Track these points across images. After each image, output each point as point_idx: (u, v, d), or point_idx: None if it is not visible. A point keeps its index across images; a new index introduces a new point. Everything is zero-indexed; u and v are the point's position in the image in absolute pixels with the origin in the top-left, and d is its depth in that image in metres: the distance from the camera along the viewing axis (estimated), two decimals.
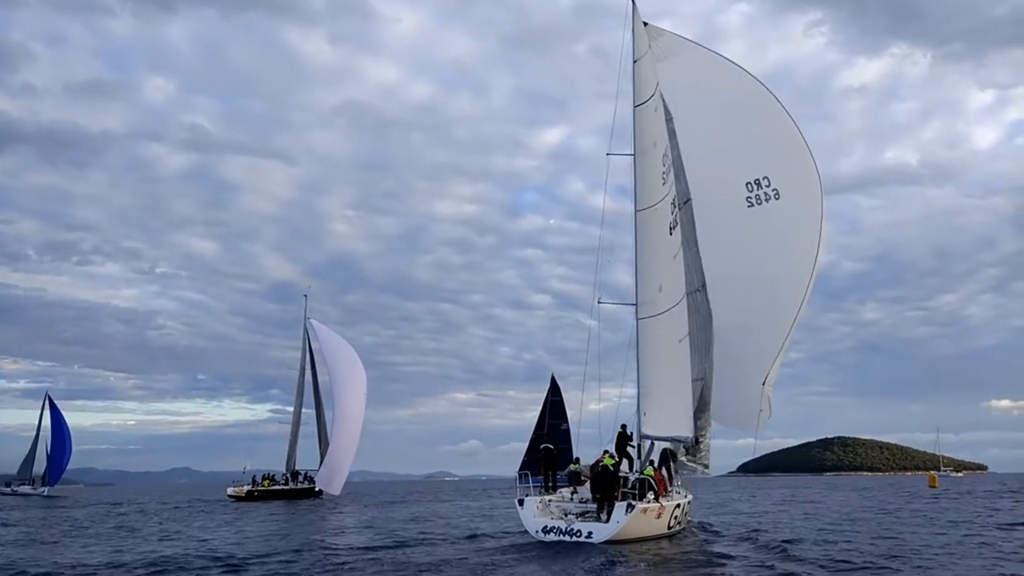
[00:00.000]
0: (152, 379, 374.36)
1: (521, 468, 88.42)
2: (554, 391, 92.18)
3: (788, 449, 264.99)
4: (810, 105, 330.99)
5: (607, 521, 16.65)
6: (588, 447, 20.80)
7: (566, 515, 17.77)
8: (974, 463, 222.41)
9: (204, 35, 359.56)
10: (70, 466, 71.77)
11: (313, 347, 55.63)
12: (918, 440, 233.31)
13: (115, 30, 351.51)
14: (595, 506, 17.65)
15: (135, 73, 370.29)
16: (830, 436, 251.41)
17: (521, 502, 18.07)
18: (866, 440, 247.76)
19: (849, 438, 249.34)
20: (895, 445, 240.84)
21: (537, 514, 17.61)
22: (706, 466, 22.05)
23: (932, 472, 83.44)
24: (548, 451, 20.77)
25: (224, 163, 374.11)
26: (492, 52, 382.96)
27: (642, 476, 17.65)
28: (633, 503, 16.51)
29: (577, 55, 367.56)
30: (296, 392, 56.72)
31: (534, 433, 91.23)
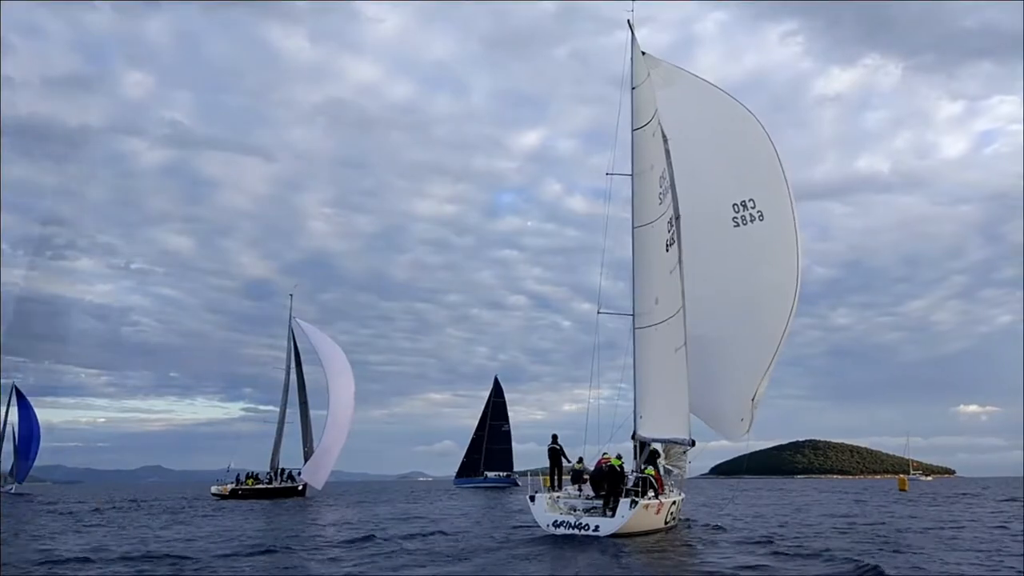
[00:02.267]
0: (124, 376, 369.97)
1: (460, 471, 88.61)
2: (497, 392, 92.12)
3: (759, 452, 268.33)
4: (785, 112, 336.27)
5: (612, 516, 18.14)
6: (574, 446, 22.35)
7: (574, 510, 19.25)
8: (942, 467, 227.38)
9: (184, 30, 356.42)
10: (36, 463, 69.07)
11: (300, 346, 56.53)
12: (888, 444, 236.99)
13: (95, 23, 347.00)
14: (600, 502, 19.13)
15: (114, 67, 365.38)
16: (801, 439, 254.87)
17: (532, 498, 19.50)
18: (836, 443, 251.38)
19: (820, 441, 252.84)
20: (865, 448, 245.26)
21: (547, 509, 19.09)
22: (683, 468, 23.60)
23: (902, 476, 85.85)
24: (554, 451, 22.19)
25: (202, 159, 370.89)
26: (473, 54, 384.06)
27: (643, 475, 19.20)
28: (636, 499, 18.00)
29: (557, 59, 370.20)
30: (282, 391, 57.52)
31: (475, 434, 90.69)
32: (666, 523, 19.92)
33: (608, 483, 18.87)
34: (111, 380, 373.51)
